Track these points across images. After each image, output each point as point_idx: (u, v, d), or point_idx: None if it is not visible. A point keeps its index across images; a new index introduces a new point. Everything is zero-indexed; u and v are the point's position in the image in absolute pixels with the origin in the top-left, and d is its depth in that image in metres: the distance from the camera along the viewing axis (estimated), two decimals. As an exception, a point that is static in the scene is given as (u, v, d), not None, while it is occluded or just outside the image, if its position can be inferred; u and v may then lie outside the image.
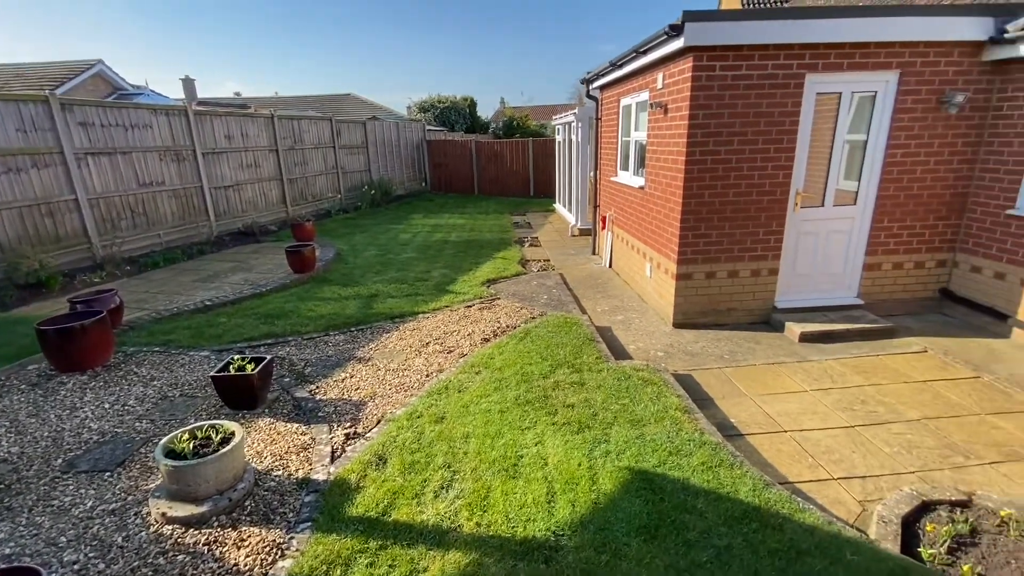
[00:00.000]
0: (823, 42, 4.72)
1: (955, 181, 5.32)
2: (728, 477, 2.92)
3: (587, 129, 10.43)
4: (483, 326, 5.56)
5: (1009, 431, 3.57)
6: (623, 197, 7.46)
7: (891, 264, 5.57)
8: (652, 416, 3.61)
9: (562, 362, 4.52)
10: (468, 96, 27.82)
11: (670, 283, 5.58)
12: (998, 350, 4.79)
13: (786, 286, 5.58)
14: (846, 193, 5.42)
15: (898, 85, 5.00)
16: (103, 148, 8.12)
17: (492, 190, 18.76)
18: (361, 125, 15.95)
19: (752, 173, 5.13)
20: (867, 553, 2.40)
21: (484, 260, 8.66)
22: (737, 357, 4.88)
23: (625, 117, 7.33)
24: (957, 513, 2.75)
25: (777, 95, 4.90)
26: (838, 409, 3.92)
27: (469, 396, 3.95)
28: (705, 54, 4.73)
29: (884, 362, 4.67)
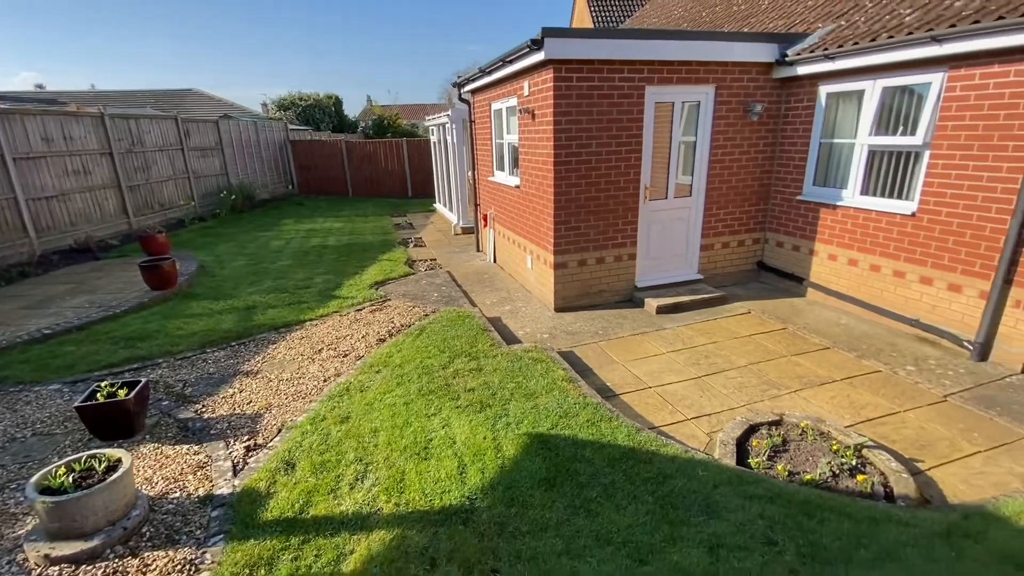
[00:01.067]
0: (658, 59, 5.58)
1: (761, 174, 6.62)
2: (608, 429, 3.46)
3: (461, 130, 10.77)
4: (377, 327, 5.61)
5: (806, 366, 4.65)
6: (502, 196, 7.94)
7: (721, 244, 6.74)
8: (543, 389, 4.06)
9: (459, 352, 4.80)
10: (333, 94, 26.58)
11: (549, 272, 6.15)
12: (798, 306, 6.10)
13: (643, 268, 6.47)
14: (684, 186, 6.45)
15: (715, 97, 6.09)
16: None
17: (368, 191, 18.30)
18: (213, 124, 14.53)
19: (610, 172, 5.87)
20: (713, 469, 3.06)
21: (369, 263, 8.58)
22: (609, 332, 5.58)
23: (497, 120, 7.80)
24: (773, 430, 3.59)
25: (624, 104, 5.68)
26: (688, 365, 4.75)
27: (372, 394, 4.06)
28: (563, 66, 5.31)
29: (720, 324, 5.69)
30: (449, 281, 7.59)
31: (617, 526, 2.59)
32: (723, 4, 9.98)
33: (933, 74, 4.73)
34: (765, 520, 2.63)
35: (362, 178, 18.29)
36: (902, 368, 4.54)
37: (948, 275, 4.81)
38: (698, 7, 11.08)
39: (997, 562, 2.41)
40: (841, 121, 5.80)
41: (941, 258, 4.85)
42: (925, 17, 4.77)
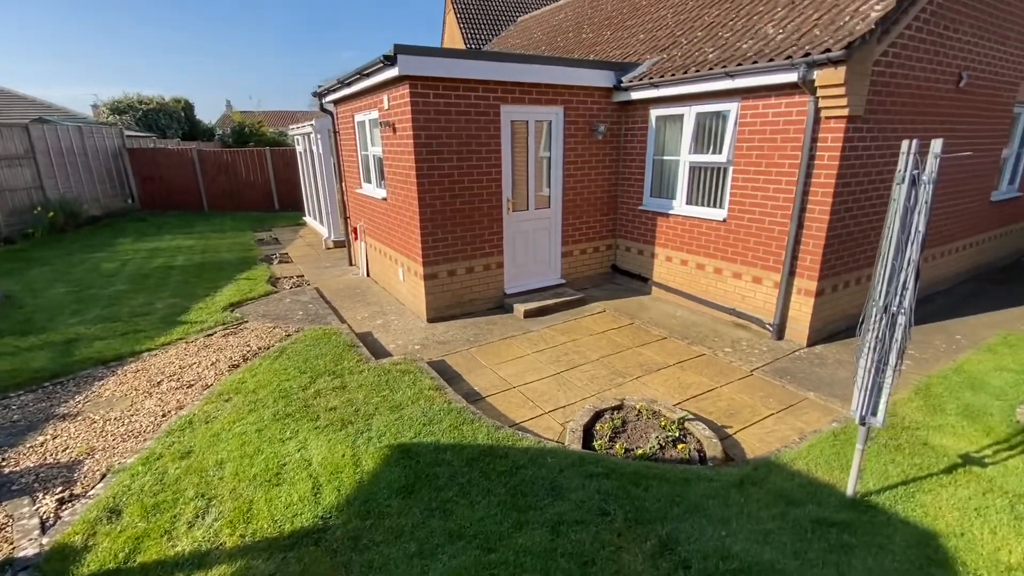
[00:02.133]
0: (510, 81, 5.96)
1: (609, 187, 7.35)
2: (470, 430, 3.62)
3: (327, 140, 10.39)
4: (230, 352, 5.21)
5: (647, 355, 5.26)
6: (371, 208, 7.82)
7: (579, 251, 7.35)
8: (409, 399, 4.11)
9: (323, 371, 4.65)
10: (181, 97, 23.88)
11: (420, 284, 6.21)
12: (644, 303, 6.86)
13: (511, 275, 6.81)
14: (544, 198, 6.93)
15: (564, 116, 6.65)
16: None
17: (226, 205, 16.73)
18: (22, 129, 12.27)
19: (473, 184, 6.12)
20: (561, 455, 3.36)
21: (224, 283, 7.88)
22: (479, 338, 5.79)
23: (361, 132, 7.69)
24: (615, 414, 4.02)
25: (482, 120, 5.97)
26: (549, 363, 5.12)
27: (220, 425, 3.77)
28: (419, 82, 5.45)
29: (579, 323, 6.20)
30: (317, 298, 7.28)
31: (470, 520, 2.74)
32: (574, 31, 10.92)
33: (731, 103, 5.68)
34: (601, 494, 2.96)
35: (219, 191, 16.68)
36: (721, 350, 5.34)
37: (752, 270, 5.78)
38: (554, 33, 11.97)
39: (774, 501, 2.98)
40: (669, 140, 6.67)
41: (746, 256, 5.81)
42: (722, 56, 5.72)
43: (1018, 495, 3.01)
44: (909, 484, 3.12)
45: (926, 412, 3.99)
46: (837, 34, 4.59)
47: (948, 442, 3.59)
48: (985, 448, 3.51)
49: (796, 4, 5.76)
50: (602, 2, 11.35)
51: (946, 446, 3.54)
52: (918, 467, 3.30)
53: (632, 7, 9.62)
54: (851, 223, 5.26)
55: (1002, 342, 5.33)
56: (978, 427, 3.75)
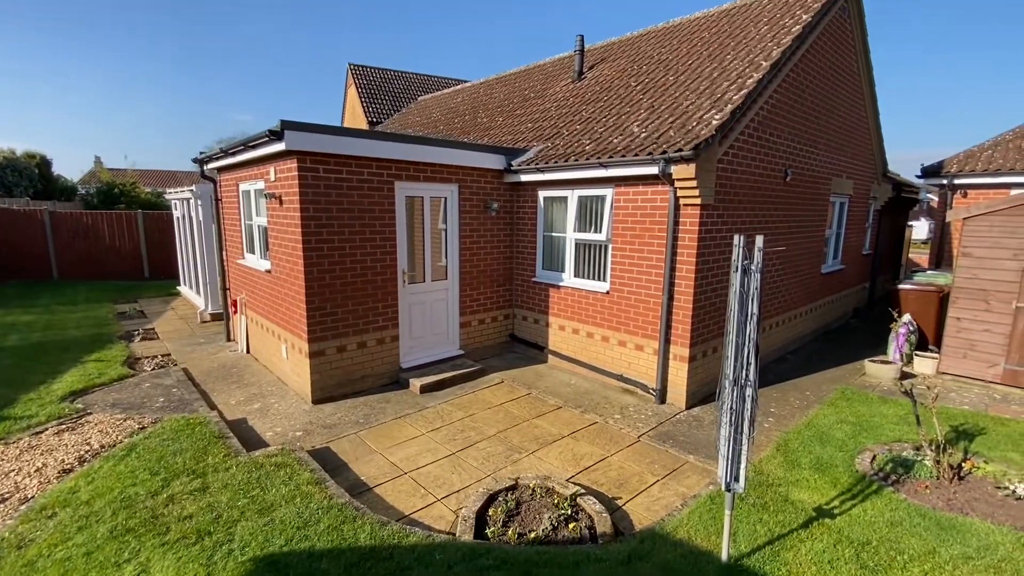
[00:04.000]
0: (403, 160, 6.12)
1: (505, 260, 7.63)
2: (350, 530, 3.31)
3: (209, 206, 9.73)
4: (62, 454, 4.38)
5: (544, 427, 5.30)
6: (253, 280, 7.32)
7: (477, 320, 7.42)
8: (283, 498, 3.70)
9: (180, 471, 4.06)
10: (37, 152, 21.21)
11: (304, 361, 5.81)
12: (541, 372, 7.00)
13: (407, 348, 6.64)
14: (441, 269, 6.99)
15: (459, 193, 6.91)
16: None
17: (83, 274, 14.72)
18: None
19: (365, 257, 6.02)
20: (450, 549, 3.17)
21: (67, 367, 6.76)
22: (371, 419, 5.47)
23: (246, 201, 7.32)
24: (509, 495, 3.93)
25: (375, 196, 6.00)
26: (445, 442, 4.94)
27: (35, 550, 3.08)
28: (308, 157, 5.39)
29: (477, 396, 6.14)
30: (183, 381, 6.48)
31: (344, 642, 2.44)
32: (471, 114, 11.64)
33: (606, 189, 6.29)
34: (491, 590, 2.81)
35: (75, 257, 14.69)
36: (611, 417, 5.55)
37: (634, 338, 6.20)
38: (452, 114, 12.67)
39: (661, 574, 3.04)
40: (556, 219, 7.17)
41: (628, 325, 6.24)
42: (598, 148, 6.39)
43: (862, 543, 3.36)
44: (775, 543, 3.36)
45: (786, 468, 4.40)
46: (687, 136, 5.37)
47: (805, 496, 3.96)
48: (834, 499, 3.92)
49: (656, 108, 6.69)
50: (495, 90, 12.33)
51: (803, 500, 3.90)
52: (781, 524, 3.58)
53: (521, 97, 10.55)
54: (712, 295, 5.92)
55: (840, 396, 6.14)
56: (827, 479, 4.20)
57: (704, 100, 6.04)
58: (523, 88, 11.13)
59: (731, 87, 5.99)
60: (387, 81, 21.18)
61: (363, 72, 20.88)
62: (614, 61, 9.35)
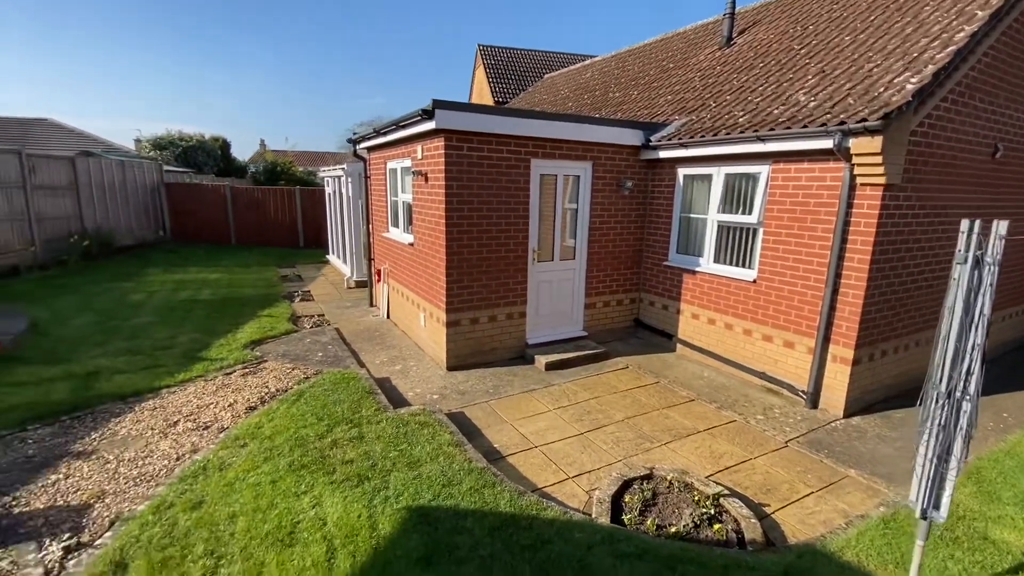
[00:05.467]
0: (540, 137, 6.09)
1: (635, 241, 7.33)
2: (491, 495, 3.43)
3: (357, 183, 10.67)
4: (248, 394, 5.14)
5: (675, 418, 5.05)
6: (396, 252, 7.89)
7: (602, 303, 7.26)
8: (428, 455, 3.95)
9: (340, 419, 4.54)
10: (220, 136, 25.04)
11: (442, 330, 6.15)
12: (669, 361, 6.68)
13: (533, 325, 6.72)
14: (569, 249, 6.92)
15: (592, 171, 6.73)
16: None
17: (253, 240, 17.14)
18: (68, 162, 12.88)
19: (500, 234, 6.14)
20: (589, 529, 3.15)
21: (246, 319, 7.92)
22: (500, 390, 5.65)
23: (392, 179, 7.87)
24: (644, 484, 3.80)
25: (512, 173, 6.06)
26: (573, 421, 4.93)
27: (234, 473, 3.65)
28: (454, 136, 5.58)
29: (601, 379, 6.03)
30: (336, 339, 7.24)
31: (493, 602, 2.54)
32: (601, 90, 11.26)
33: (761, 166, 5.69)
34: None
35: (248, 226, 17.15)
36: (753, 417, 5.11)
37: (783, 333, 5.60)
38: (581, 90, 12.37)
39: (824, 597, 2.72)
40: (696, 198, 6.68)
41: (777, 319, 5.65)
42: (753, 120, 5.78)
43: (1099, 607, 2.71)
44: (973, 586, 2.84)
45: (981, 500, 3.70)
46: (873, 104, 4.61)
47: (1010, 537, 3.30)
48: (1053, 547, 3.21)
49: (827, 73, 5.86)
50: (628, 63, 11.76)
51: (1008, 542, 3.25)
52: (980, 565, 3.02)
53: (659, 69, 9.93)
54: (889, 291, 5.11)
55: (1055, 424, 5.01)
56: (1042, 521, 3.45)
57: (894, 61, 5.14)
58: (660, 59, 10.47)
59: (932, 44, 5.02)
60: (514, 60, 21.35)
61: (491, 52, 21.25)
62: (771, 23, 8.36)
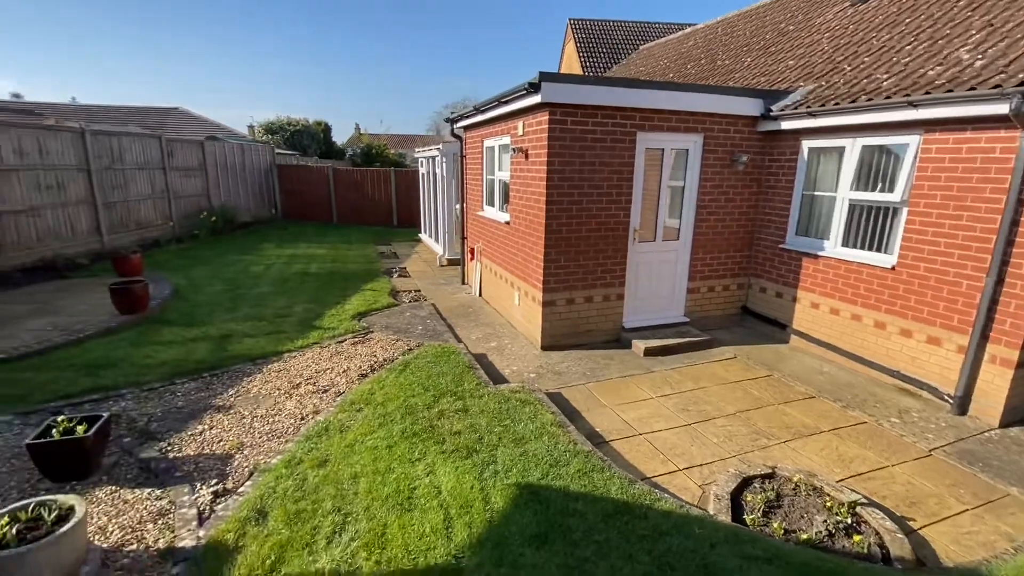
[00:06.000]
0: (648, 108, 5.74)
1: (746, 221, 6.77)
2: (600, 480, 3.34)
3: (452, 164, 10.85)
4: (359, 361, 5.43)
5: (794, 415, 4.63)
6: (490, 231, 7.93)
7: (707, 288, 6.82)
8: (532, 433, 3.93)
9: (445, 391, 4.65)
10: (322, 120, 26.71)
11: (537, 310, 6.10)
12: (782, 353, 6.15)
13: (631, 308, 6.47)
14: (672, 229, 6.54)
15: (703, 145, 6.26)
16: None
17: (352, 219, 18.18)
18: (198, 145, 14.36)
19: (600, 212, 5.93)
20: (709, 526, 2.96)
21: (352, 292, 8.40)
22: (597, 373, 5.51)
23: (489, 157, 7.87)
24: (767, 484, 3.51)
25: (616, 148, 5.79)
26: (677, 411, 4.69)
27: (352, 435, 3.86)
28: (559, 110, 5.41)
29: (707, 368, 5.68)
30: (434, 314, 7.46)
31: (613, 590, 2.46)
32: (707, 58, 10.45)
33: (909, 136, 4.96)
34: (765, 585, 2.52)
35: (348, 205, 18.19)
36: (886, 420, 4.56)
37: (927, 328, 4.91)
38: (683, 60, 11.58)
39: (1000, 634, 2.34)
40: (823, 175, 6.00)
41: (920, 311, 4.96)
42: (902, 83, 5.03)
43: None
44: None
45: None
46: (1075, 56, 3.80)
47: None
48: None
49: (997, 27, 4.95)
50: (738, 27, 10.80)
51: None
52: None
53: (776, 32, 9.00)
54: (1077, 283, 4.27)
55: None
56: None
57: (1105, 2, 4.19)
58: (776, 21, 9.48)
59: None
60: (606, 32, 20.51)
61: (582, 26, 20.56)
62: (922, -30, 7.21)
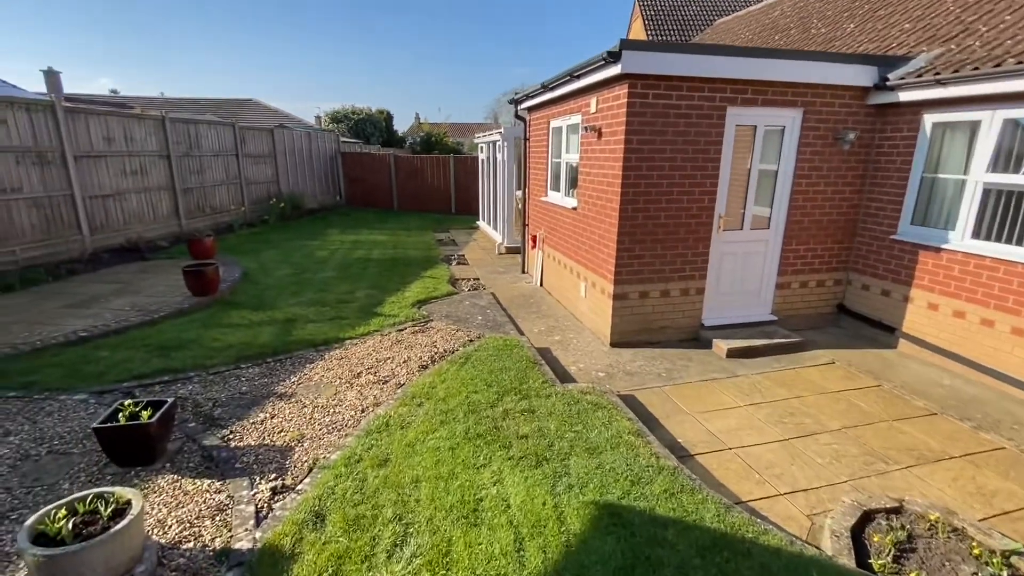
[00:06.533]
0: (743, 79, 5.08)
1: (848, 208, 5.96)
2: (691, 503, 2.90)
3: (513, 148, 10.49)
4: (419, 351, 5.22)
5: (914, 435, 3.94)
6: (554, 217, 7.51)
7: (798, 283, 6.08)
8: (607, 442, 3.53)
9: (509, 388, 4.33)
10: (384, 109, 27.10)
11: (607, 303, 5.64)
12: (890, 360, 5.36)
13: (711, 304, 5.87)
14: (761, 218, 5.85)
15: (802, 120, 5.52)
16: (-63, 146, 6.69)
17: (412, 206, 18.28)
18: (268, 133, 14.81)
19: (682, 197, 5.36)
20: (830, 571, 2.45)
21: (412, 279, 8.27)
22: (674, 375, 5.00)
23: (555, 138, 7.42)
24: (893, 520, 2.94)
25: (703, 124, 5.18)
26: (771, 423, 4.12)
27: (414, 433, 3.62)
28: (639, 82, 4.88)
29: (801, 375, 5.03)
30: (493, 303, 7.17)
31: (720, 649, 2.03)
32: (798, 27, 9.40)
33: (1079, 103, 4.05)
34: (917, 660, 2.01)
35: (408, 192, 18.30)
36: (1037, 448, 3.78)
37: (1094, 339, 4.04)
38: (768, 31, 10.52)
39: None
40: (949, 154, 5.13)
41: (1084, 318, 4.09)
42: (1070, 38, 4.12)
43: None
44: None
45: None
46: None
47: None
48: None
49: None
50: (836, -8, 9.61)
51: None
52: None
53: (887, -8, 7.88)
54: None
55: None
56: None
57: None
58: (886, -19, 8.31)
59: None
60: (676, 9, 19.28)
61: (651, 2, 19.43)
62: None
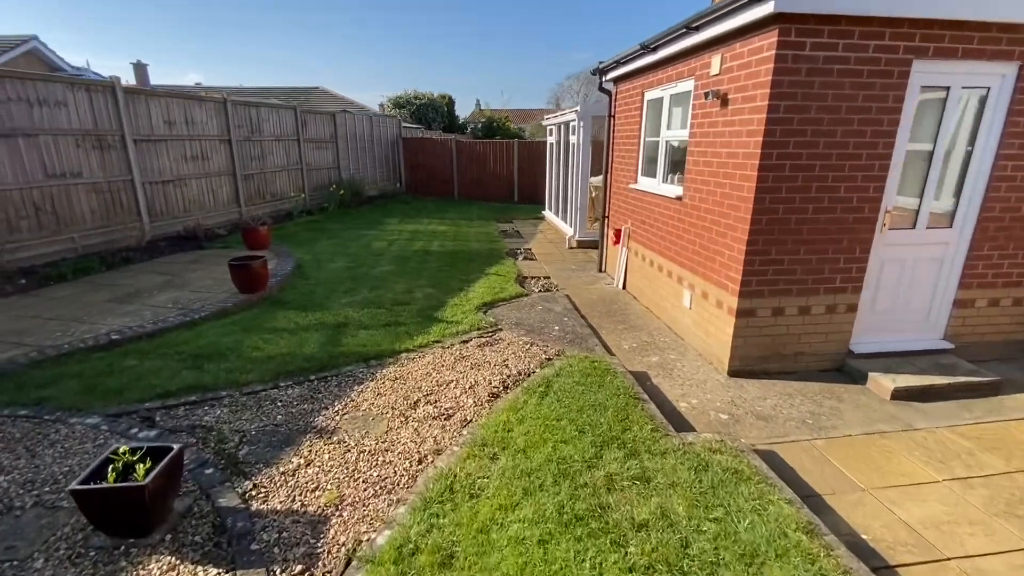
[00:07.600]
0: (943, 18, 3.66)
1: (1067, 201, 4.37)
2: None
3: (590, 128, 9.28)
4: (488, 372, 4.25)
5: None
6: (646, 208, 6.30)
7: (987, 300, 4.57)
8: (768, 544, 2.40)
9: (608, 437, 3.27)
10: (446, 94, 26.41)
11: (726, 319, 4.42)
12: None
13: (864, 326, 4.51)
14: (941, 215, 4.40)
15: (1015, 80, 4.00)
16: (-4, 128, 6.43)
17: (473, 194, 17.44)
18: (330, 117, 14.37)
19: (838, 185, 4.03)
20: None
21: (475, 276, 7.34)
22: (823, 422, 3.75)
23: (653, 112, 6.17)
24: None
25: (876, 86, 3.81)
26: (999, 514, 2.81)
27: (487, 508, 2.64)
28: (795, 27, 3.59)
29: (1014, 433, 3.62)
30: (570, 309, 6.10)
31: None
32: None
33: None
34: None
35: (469, 180, 17.47)
36: None
37: None
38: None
39: None
40: None
41: None
42: None
43: None
44: None
45: None
46: None
47: None
48: None
49: None
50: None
51: None
52: None
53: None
54: None
55: None
56: None
57: None
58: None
59: None
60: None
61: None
62: None
